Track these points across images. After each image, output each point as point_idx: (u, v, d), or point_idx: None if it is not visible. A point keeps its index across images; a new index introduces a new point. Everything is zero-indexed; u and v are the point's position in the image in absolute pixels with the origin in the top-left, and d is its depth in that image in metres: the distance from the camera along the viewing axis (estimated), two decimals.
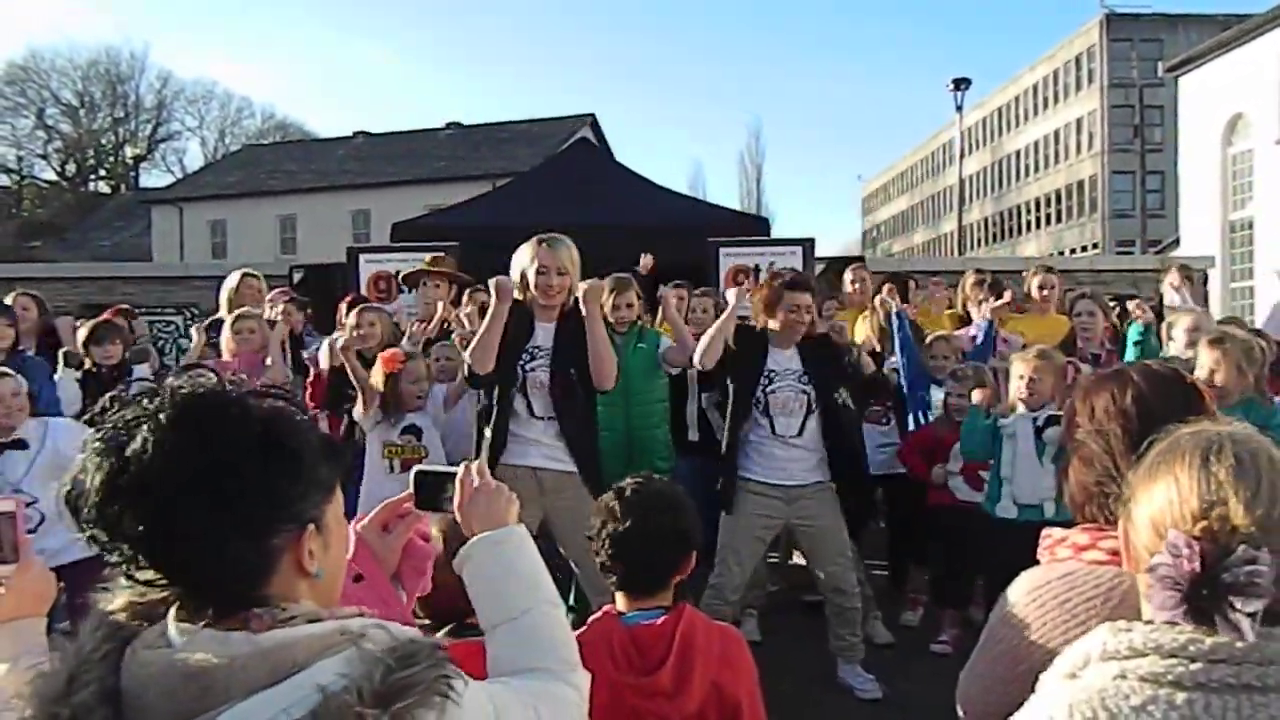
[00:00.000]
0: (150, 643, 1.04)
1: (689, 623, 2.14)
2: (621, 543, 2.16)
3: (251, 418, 1.09)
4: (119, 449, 1.03)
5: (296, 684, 0.98)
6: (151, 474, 1.02)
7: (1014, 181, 51.95)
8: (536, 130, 33.21)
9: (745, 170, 50.35)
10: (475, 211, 10.24)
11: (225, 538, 1.04)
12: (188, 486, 1.02)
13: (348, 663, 1.00)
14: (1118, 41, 42.48)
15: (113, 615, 1.08)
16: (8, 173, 47.08)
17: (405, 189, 30.76)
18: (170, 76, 51.08)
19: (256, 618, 1.04)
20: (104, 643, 1.04)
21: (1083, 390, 1.64)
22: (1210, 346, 3.79)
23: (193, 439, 1.04)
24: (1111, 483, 1.45)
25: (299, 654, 1.00)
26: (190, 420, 1.05)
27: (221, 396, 1.10)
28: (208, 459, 1.04)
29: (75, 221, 41.36)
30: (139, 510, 1.02)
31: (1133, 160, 37.90)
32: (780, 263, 7.76)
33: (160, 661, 1.01)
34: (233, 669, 0.98)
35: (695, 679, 2.08)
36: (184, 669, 0.99)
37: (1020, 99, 51.28)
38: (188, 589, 1.07)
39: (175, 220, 35.12)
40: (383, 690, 0.97)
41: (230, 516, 1.04)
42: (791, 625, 5.11)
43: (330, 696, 0.95)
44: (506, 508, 1.49)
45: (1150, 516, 1.14)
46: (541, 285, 3.91)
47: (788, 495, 4.25)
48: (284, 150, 39.97)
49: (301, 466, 1.11)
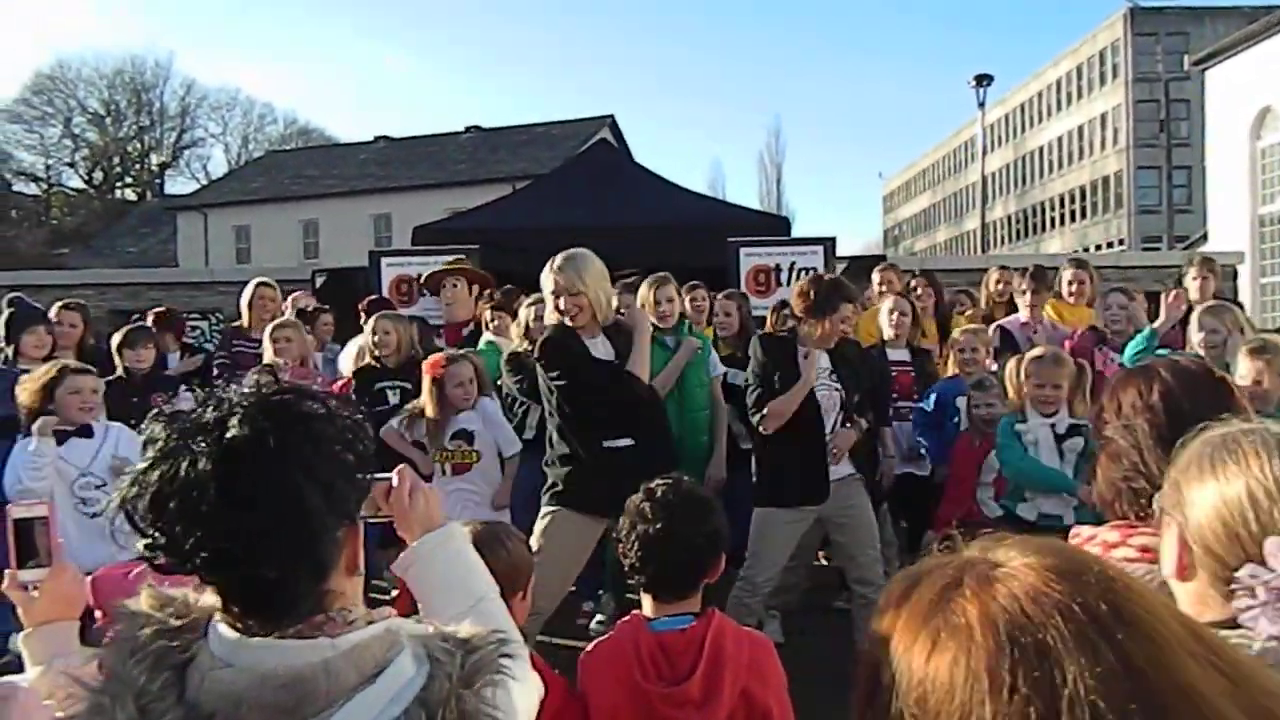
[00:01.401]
0: (215, 662, 1.04)
1: (718, 630, 2.13)
2: (651, 544, 2.16)
3: (331, 416, 1.13)
4: (217, 445, 1.04)
5: (390, 678, 1.05)
6: (239, 472, 1.03)
7: (1038, 178, 51.55)
8: (556, 133, 33.30)
9: (765, 169, 50.47)
10: (495, 214, 10.27)
11: (312, 534, 1.08)
12: (263, 500, 1.04)
13: (417, 657, 1.08)
14: (1142, 35, 42.08)
15: (145, 644, 1.06)
16: (36, 181, 47.84)
17: (426, 193, 30.95)
18: (194, 84, 51.65)
19: (330, 622, 1.09)
20: (154, 672, 1.04)
21: (1111, 386, 1.62)
22: (1252, 356, 3.75)
23: (284, 437, 1.07)
24: (1139, 477, 1.43)
25: (376, 652, 1.06)
26: (279, 419, 1.08)
27: (304, 395, 1.14)
28: (298, 457, 1.07)
29: (102, 228, 41.92)
30: (222, 509, 1.02)
31: (1158, 155, 37.49)
32: (801, 262, 7.75)
33: (246, 677, 1.02)
34: (328, 673, 1.02)
35: (725, 688, 2.06)
36: (279, 679, 1.01)
37: (1043, 94, 50.88)
38: (254, 592, 1.07)
39: (200, 226, 35.49)
40: (464, 674, 1.07)
41: (315, 512, 1.07)
42: (815, 627, 5.08)
43: (431, 682, 1.05)
44: (438, 507, 1.54)
45: (1221, 517, 1.09)
46: (566, 308, 3.87)
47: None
48: (306, 156, 40.32)
49: (358, 465, 1.15)
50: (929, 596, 0.72)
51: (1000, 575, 0.70)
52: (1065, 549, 0.75)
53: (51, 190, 48.36)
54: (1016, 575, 0.70)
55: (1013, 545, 0.74)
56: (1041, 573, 0.69)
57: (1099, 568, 0.71)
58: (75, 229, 44.19)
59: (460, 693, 1.05)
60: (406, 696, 1.04)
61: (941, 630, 0.69)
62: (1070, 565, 0.71)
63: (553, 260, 3.92)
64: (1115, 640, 0.65)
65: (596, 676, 2.19)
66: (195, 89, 50.91)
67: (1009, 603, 0.68)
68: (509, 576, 2.25)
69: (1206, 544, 1.10)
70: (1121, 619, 0.66)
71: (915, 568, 0.78)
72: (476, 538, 2.27)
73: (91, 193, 49.02)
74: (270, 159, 41.32)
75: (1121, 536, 1.47)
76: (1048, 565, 0.70)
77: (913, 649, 0.70)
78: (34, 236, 42.68)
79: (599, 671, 2.19)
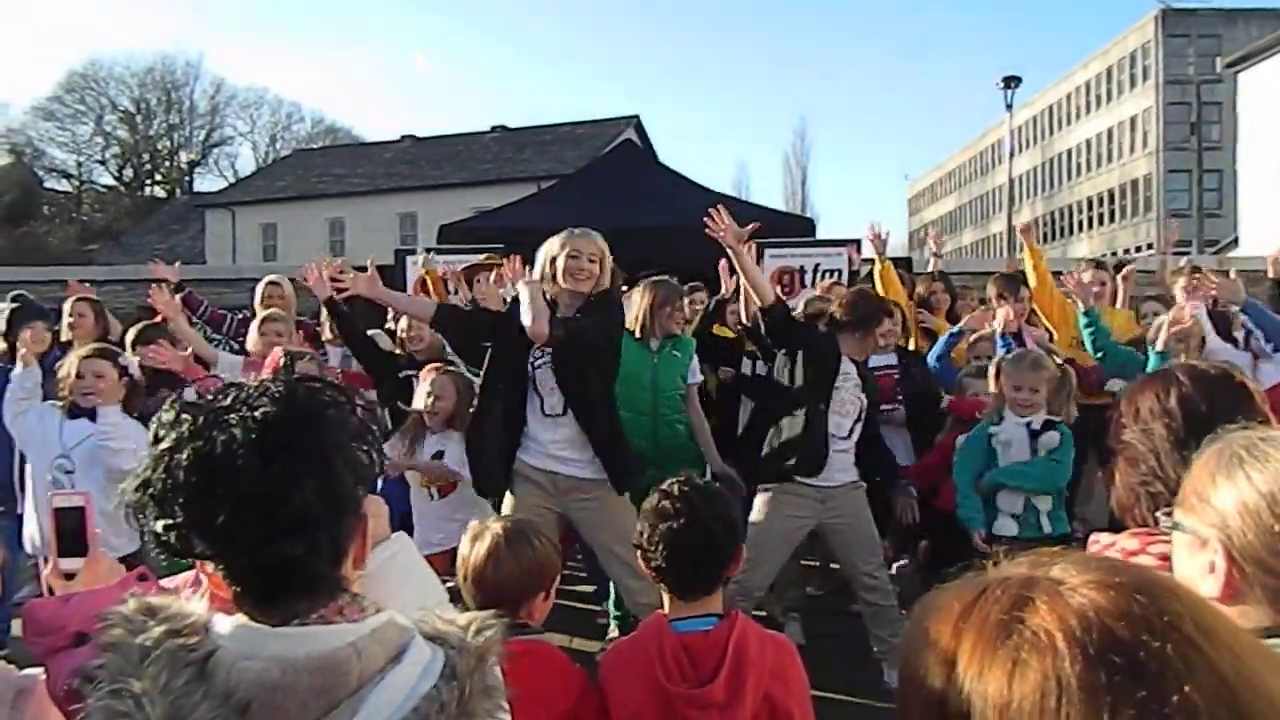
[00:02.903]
0: (238, 656, 1.03)
1: (742, 633, 2.13)
2: (678, 541, 2.17)
3: (350, 404, 1.15)
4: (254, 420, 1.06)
5: (415, 655, 1.07)
6: (278, 444, 1.05)
7: (1065, 181, 51.03)
8: (581, 133, 33.35)
9: (790, 170, 50.22)
10: (521, 213, 10.30)
11: (341, 513, 1.10)
12: (301, 469, 1.06)
13: (430, 638, 1.11)
14: (1174, 37, 41.59)
15: (155, 644, 1.04)
16: (68, 178, 48.53)
17: (452, 191, 31.09)
18: (223, 83, 52.29)
19: (351, 606, 1.11)
20: (174, 669, 1.02)
21: (1129, 391, 1.62)
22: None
23: (318, 415, 1.10)
24: (1157, 482, 1.43)
25: (393, 634, 1.09)
26: (310, 401, 1.11)
27: (327, 385, 1.16)
28: (331, 436, 1.10)
29: (132, 225, 42.39)
30: (261, 479, 1.04)
31: (1189, 159, 37.05)
32: (825, 264, 7.72)
33: (278, 665, 1.02)
34: (359, 654, 1.04)
35: (748, 692, 2.06)
36: (313, 663, 1.02)
37: (1072, 96, 50.38)
38: (275, 571, 1.07)
39: (228, 224, 35.82)
40: (480, 648, 1.11)
41: (347, 490, 1.10)
42: (837, 630, 5.06)
43: (454, 656, 1.09)
44: (383, 518, 1.49)
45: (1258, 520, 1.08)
46: (573, 269, 3.87)
47: (822, 495, 4.26)
48: (333, 154, 40.59)
49: (369, 460, 1.16)
50: (997, 615, 0.68)
51: (1068, 591, 0.67)
52: (1119, 564, 0.73)
53: (82, 187, 49.02)
54: (1086, 591, 0.67)
55: (1068, 562, 0.71)
56: (1111, 589, 0.67)
57: (1162, 581, 0.70)
58: (105, 226, 44.76)
59: (481, 667, 1.09)
60: (435, 670, 1.07)
61: (1021, 650, 0.64)
62: (1135, 580, 0.68)
63: (568, 230, 3.98)
64: (1204, 654, 0.63)
65: (619, 676, 2.20)
66: (225, 88, 51.58)
67: (1094, 618, 0.65)
68: (533, 575, 2.27)
69: (1255, 555, 1.08)
70: (1203, 631, 0.65)
71: (963, 586, 0.73)
72: (505, 534, 2.30)
73: (121, 190, 49.63)
74: (298, 157, 41.61)
75: (1141, 544, 1.46)
76: (1114, 582, 0.67)
77: (989, 673, 0.65)
78: (65, 233, 43.29)
79: (621, 671, 2.20)
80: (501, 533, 2.29)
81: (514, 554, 2.25)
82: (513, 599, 2.22)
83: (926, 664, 0.70)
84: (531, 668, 2.12)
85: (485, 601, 2.26)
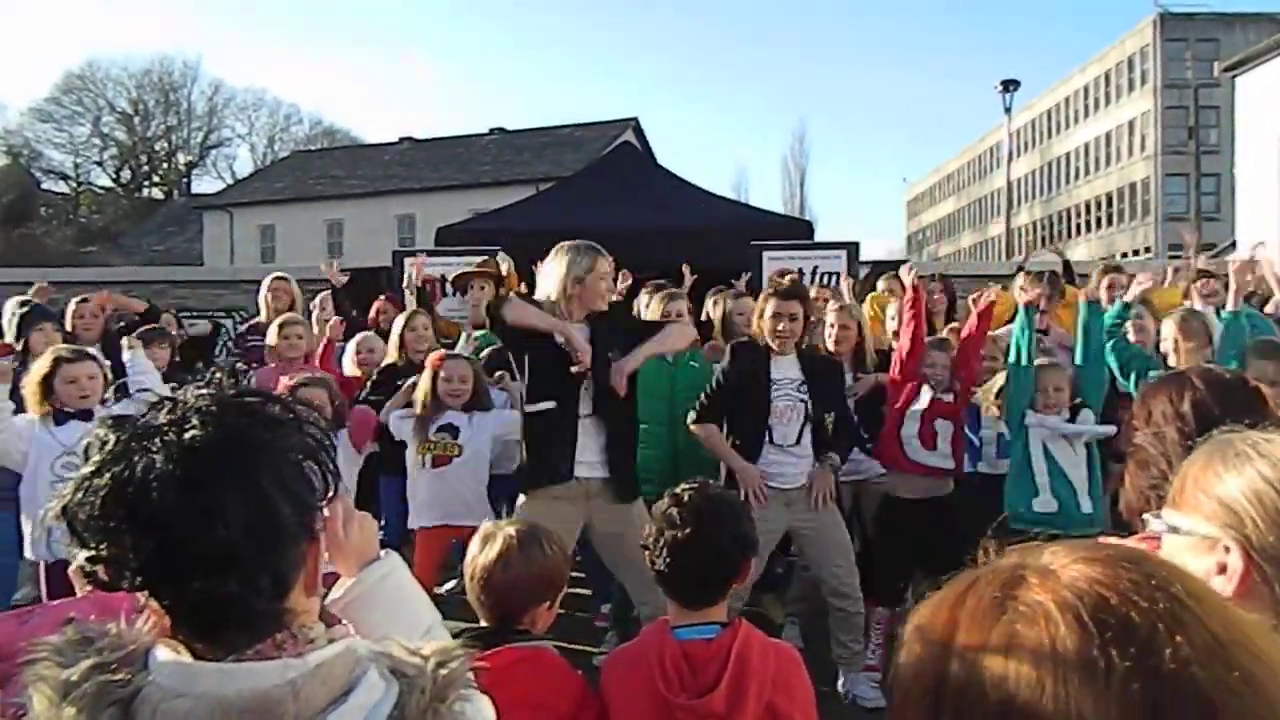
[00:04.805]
0: (166, 693, 0.96)
1: (744, 642, 2.10)
2: (683, 550, 2.14)
3: (300, 424, 1.07)
4: (177, 445, 0.98)
5: (362, 695, 0.99)
6: (204, 474, 0.97)
7: (1064, 184, 51.13)
8: (580, 135, 33.36)
9: (789, 173, 50.30)
10: (519, 216, 10.29)
11: (279, 545, 1.02)
12: (227, 501, 0.97)
13: (383, 674, 1.02)
14: (1172, 41, 41.68)
15: (78, 682, 0.97)
16: (65, 179, 48.51)
17: (450, 194, 31.06)
18: (221, 84, 52.19)
19: (292, 640, 1.02)
20: (95, 711, 0.96)
21: (1142, 394, 1.61)
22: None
23: (251, 439, 1.02)
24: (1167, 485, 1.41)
25: (341, 670, 1.00)
26: (245, 421, 1.03)
27: (270, 400, 1.09)
28: (268, 460, 1.01)
29: (130, 227, 42.39)
30: (183, 514, 0.96)
31: (1187, 163, 37.13)
32: (824, 266, 7.73)
33: (205, 705, 0.95)
34: (295, 694, 0.96)
35: (749, 702, 2.04)
36: (245, 702, 0.95)
37: (1070, 100, 50.48)
38: (209, 609, 1.00)
39: (226, 225, 35.78)
40: (437, 688, 1.02)
41: (284, 522, 1.01)
42: None
43: (405, 698, 1.00)
44: (374, 536, 1.40)
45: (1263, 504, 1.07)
46: (604, 292, 3.90)
47: (785, 498, 4.24)
48: (331, 156, 40.57)
49: (324, 479, 1.09)
50: (990, 595, 0.69)
51: (1059, 567, 0.68)
52: (1108, 544, 0.73)
53: (80, 189, 48.99)
54: (1076, 566, 0.68)
55: (1056, 548, 0.71)
56: (1099, 561, 0.68)
57: (1149, 554, 0.71)
58: (103, 227, 44.71)
59: (436, 707, 1.00)
60: (382, 712, 0.98)
61: (1016, 624, 0.65)
62: (1123, 553, 0.69)
63: (585, 244, 3.94)
64: (1194, 612, 0.64)
65: (618, 683, 2.17)
66: (223, 89, 51.54)
67: (1084, 587, 0.65)
68: (542, 581, 2.24)
69: (1276, 553, 1.07)
70: (1192, 594, 0.65)
71: (955, 580, 0.73)
72: (518, 537, 2.27)
73: (119, 191, 49.61)
74: (296, 159, 41.58)
75: (1150, 549, 1.45)
76: (1102, 556, 0.68)
77: (985, 650, 0.66)
78: (62, 234, 43.21)
79: (621, 678, 2.18)
80: (515, 535, 2.26)
81: (525, 558, 2.22)
82: (519, 604, 2.20)
83: (923, 650, 0.71)
84: (531, 674, 2.09)
85: (491, 604, 2.24)
